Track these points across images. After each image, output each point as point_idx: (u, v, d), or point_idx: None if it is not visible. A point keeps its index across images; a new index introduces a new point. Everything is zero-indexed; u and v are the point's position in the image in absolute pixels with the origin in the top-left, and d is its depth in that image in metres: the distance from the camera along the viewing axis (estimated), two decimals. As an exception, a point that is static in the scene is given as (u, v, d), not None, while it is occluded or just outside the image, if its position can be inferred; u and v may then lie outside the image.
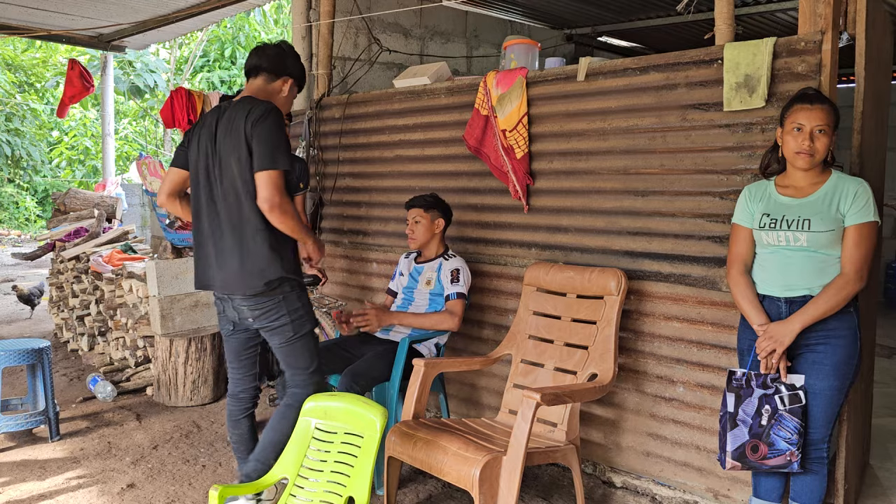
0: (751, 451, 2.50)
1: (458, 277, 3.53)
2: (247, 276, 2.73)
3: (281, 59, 2.91)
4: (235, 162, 2.71)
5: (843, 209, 2.44)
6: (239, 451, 3.07)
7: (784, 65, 2.79)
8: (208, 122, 2.84)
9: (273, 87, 2.90)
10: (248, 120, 2.69)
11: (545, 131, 3.57)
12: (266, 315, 2.80)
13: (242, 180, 2.71)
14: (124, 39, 7.83)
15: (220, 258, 2.78)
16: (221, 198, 2.77)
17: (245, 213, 2.72)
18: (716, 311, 3.02)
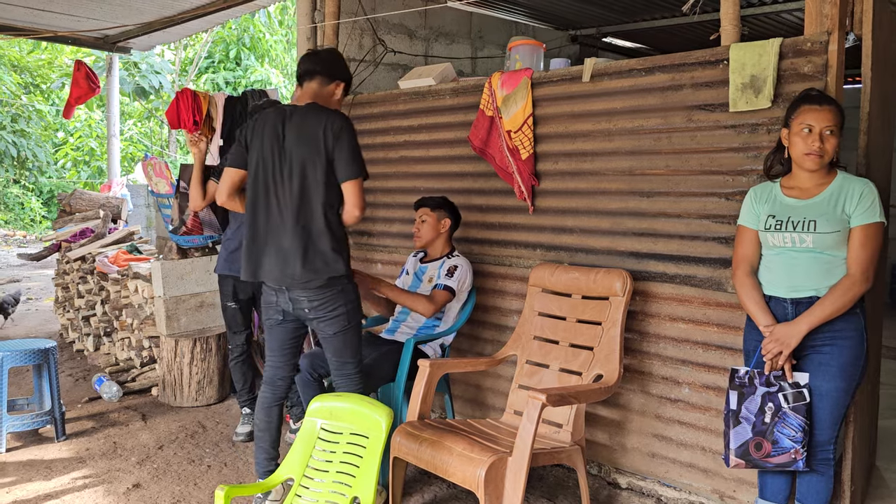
0: (754, 448, 2.50)
1: (453, 274, 3.53)
2: (312, 272, 2.90)
3: (335, 63, 3.09)
4: (311, 167, 2.90)
5: (849, 210, 2.44)
6: (263, 441, 3.12)
7: (790, 65, 2.79)
8: (271, 123, 2.98)
9: (327, 90, 3.06)
10: (327, 129, 2.88)
11: (550, 132, 3.57)
12: (324, 305, 2.95)
13: (315, 185, 2.90)
14: (130, 41, 7.86)
15: (282, 253, 2.92)
16: (289, 197, 2.93)
17: (314, 214, 2.91)
18: (721, 312, 3.02)
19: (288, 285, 2.95)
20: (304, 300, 2.95)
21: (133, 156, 16.50)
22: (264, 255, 2.98)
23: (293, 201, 2.92)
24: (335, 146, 2.88)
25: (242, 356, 4.10)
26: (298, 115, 2.95)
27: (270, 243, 2.96)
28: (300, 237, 2.90)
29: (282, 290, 2.99)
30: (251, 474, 3.55)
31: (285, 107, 3.02)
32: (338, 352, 3.05)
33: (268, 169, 2.96)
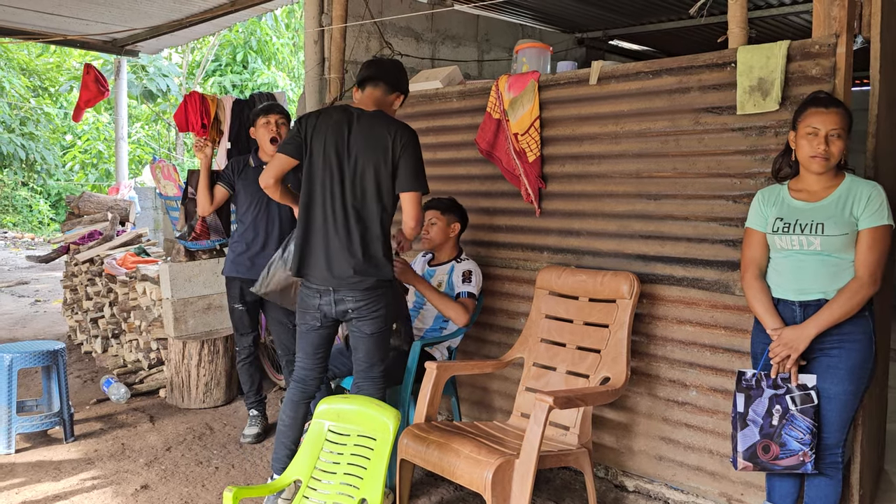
0: (762, 451, 2.49)
1: (470, 278, 3.54)
2: (364, 274, 2.95)
3: (399, 75, 3.13)
4: (375, 173, 2.94)
5: (857, 213, 2.43)
6: (285, 437, 3.13)
7: (798, 68, 2.78)
8: (335, 121, 3.00)
9: (388, 99, 3.10)
10: (396, 139, 2.93)
11: (557, 135, 3.58)
12: (368, 305, 2.99)
13: (378, 191, 2.95)
14: (138, 44, 7.91)
15: (337, 253, 2.96)
16: (350, 199, 2.97)
17: (373, 218, 2.97)
18: (729, 314, 3.02)
19: (335, 286, 2.97)
20: (351, 300, 2.97)
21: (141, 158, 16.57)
22: (316, 254, 3.00)
23: (354, 203, 2.95)
24: (402, 156, 2.92)
25: (249, 358, 4.10)
26: (367, 120, 2.98)
27: (324, 242, 2.98)
28: (357, 239, 2.94)
29: (327, 291, 2.99)
30: (259, 476, 3.56)
31: (352, 108, 3.03)
32: (369, 352, 3.06)
33: (329, 167, 2.97)
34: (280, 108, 4.02)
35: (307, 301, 3.07)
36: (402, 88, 3.13)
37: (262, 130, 3.92)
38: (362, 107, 3.04)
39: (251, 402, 4.11)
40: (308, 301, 3.06)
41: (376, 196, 2.95)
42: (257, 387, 4.14)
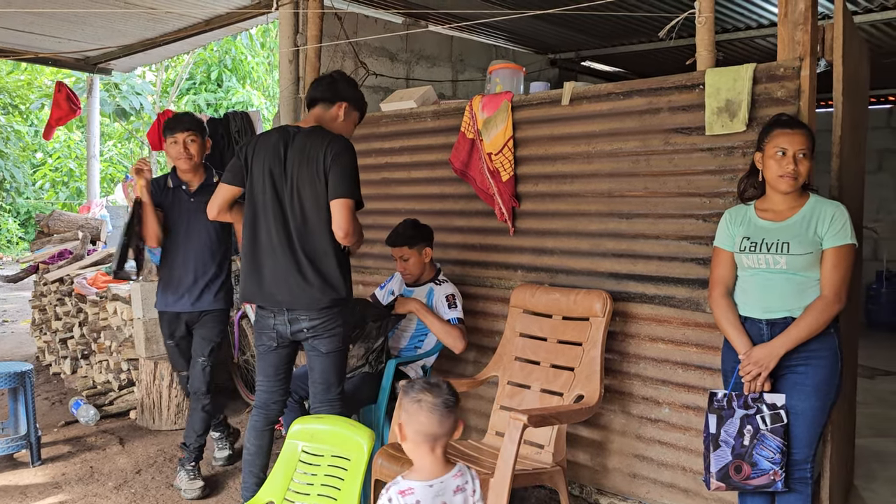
0: (734, 471, 2.52)
1: (455, 303, 3.54)
2: (317, 292, 2.91)
3: (333, 85, 3.09)
4: (312, 190, 2.91)
5: (821, 232, 2.48)
6: (252, 466, 3.08)
7: (764, 90, 2.85)
8: (273, 143, 2.98)
9: (330, 113, 3.07)
10: (327, 151, 2.89)
11: (530, 154, 3.61)
12: (323, 325, 2.95)
13: (318, 207, 2.91)
14: (111, 62, 7.85)
15: (285, 275, 2.92)
16: (291, 219, 2.94)
17: (318, 236, 2.92)
18: (700, 332, 3.05)
19: (289, 306, 2.94)
20: (305, 320, 2.94)
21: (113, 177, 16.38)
22: (265, 277, 2.97)
23: (296, 223, 2.93)
24: (332, 166, 2.88)
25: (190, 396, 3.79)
26: (301, 137, 2.97)
27: (271, 265, 2.95)
28: (304, 260, 2.91)
29: (281, 312, 2.96)
30: (231, 499, 3.51)
31: (289, 128, 3.04)
32: (325, 373, 3.02)
33: (268, 190, 2.95)
34: (186, 125, 3.59)
35: (262, 321, 3.04)
36: (343, 97, 3.08)
37: (171, 150, 3.60)
38: (301, 125, 3.05)
39: (215, 424, 3.98)
40: (263, 321, 3.03)
41: (318, 213, 2.91)
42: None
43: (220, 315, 3.73)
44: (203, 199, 3.38)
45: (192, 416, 3.67)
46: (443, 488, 1.79)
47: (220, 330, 3.72)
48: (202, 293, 3.64)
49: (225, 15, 5.83)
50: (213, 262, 3.66)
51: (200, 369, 3.63)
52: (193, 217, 3.60)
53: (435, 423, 1.80)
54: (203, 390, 3.63)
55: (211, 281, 3.65)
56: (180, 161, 3.60)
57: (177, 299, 3.63)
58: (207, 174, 3.72)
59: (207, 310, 3.66)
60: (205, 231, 3.62)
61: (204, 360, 3.64)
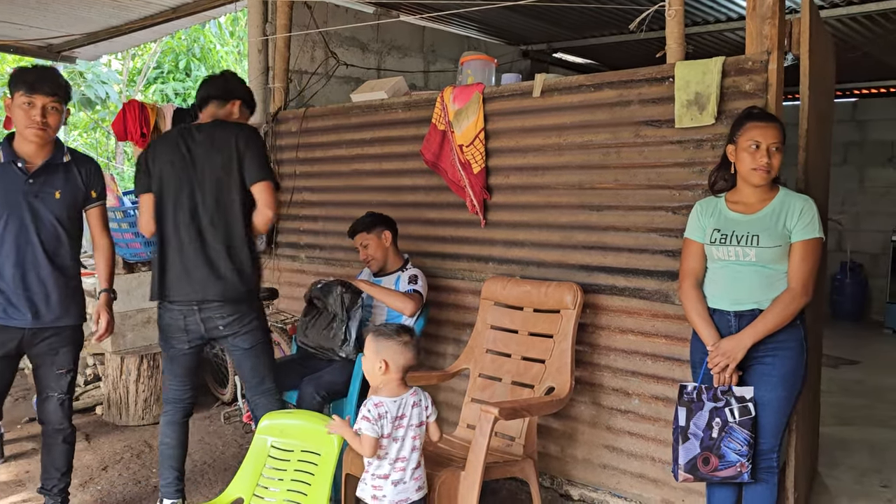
0: (702, 463, 2.54)
1: (417, 281, 3.55)
2: (231, 283, 2.91)
3: (226, 84, 3.14)
4: (225, 179, 2.91)
5: (790, 225, 2.51)
6: (172, 460, 3.08)
7: (733, 83, 2.87)
8: (173, 142, 2.98)
9: (224, 110, 3.09)
10: (239, 140, 2.92)
11: (502, 146, 3.60)
12: (239, 319, 2.95)
13: (231, 200, 2.92)
14: (75, 50, 7.66)
15: (199, 270, 2.90)
16: (203, 213, 2.92)
17: (232, 229, 2.93)
18: (669, 323, 3.08)
19: (201, 301, 2.91)
20: (218, 317, 2.93)
21: (78, 167, 16.08)
22: (178, 274, 2.93)
23: (208, 215, 2.91)
24: (245, 154, 2.90)
25: None
26: (206, 131, 2.97)
27: (181, 261, 2.92)
28: (216, 252, 2.90)
29: (192, 311, 2.93)
30: (200, 494, 3.47)
31: (188, 126, 3.03)
32: (254, 368, 3.04)
33: (176, 187, 2.93)
34: (52, 87, 2.83)
35: (171, 324, 2.99)
36: (234, 95, 3.12)
37: (19, 114, 2.82)
38: (200, 122, 3.06)
39: None
40: (174, 323, 2.98)
41: (231, 206, 2.92)
42: None
43: (73, 334, 3.02)
44: (46, 181, 2.86)
45: (52, 451, 3.04)
46: (403, 403, 2.41)
47: (74, 355, 3.04)
48: (44, 304, 2.89)
49: (193, 2, 5.72)
50: (58, 265, 2.92)
51: (58, 404, 2.99)
52: (30, 205, 2.84)
53: (411, 357, 2.44)
54: (66, 425, 3.03)
55: (56, 289, 2.91)
56: (30, 131, 2.81)
57: (6, 307, 2.85)
58: (56, 151, 2.93)
59: (52, 326, 2.92)
60: (48, 224, 2.88)
61: (62, 395, 2.99)
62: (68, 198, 2.92)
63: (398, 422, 2.40)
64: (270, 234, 4.84)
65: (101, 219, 3.09)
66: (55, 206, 2.88)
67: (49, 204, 2.86)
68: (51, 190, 2.87)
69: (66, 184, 2.92)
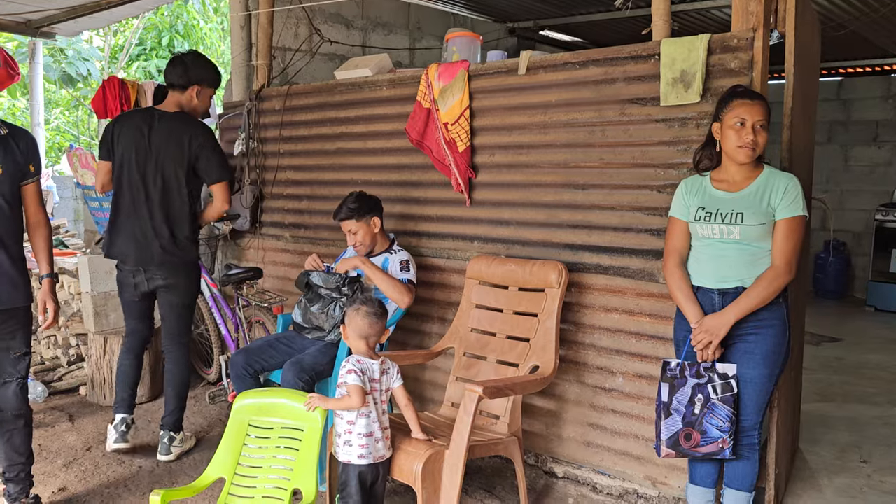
0: (684, 438, 2.56)
1: (408, 267, 3.52)
2: (172, 255, 3.50)
3: (184, 72, 3.54)
4: (174, 168, 3.48)
5: (774, 203, 2.51)
6: (127, 378, 3.68)
7: (718, 61, 2.85)
8: (137, 124, 3.49)
9: (184, 97, 3.57)
10: (193, 140, 3.47)
11: (487, 125, 3.58)
12: (176, 282, 3.57)
13: (178, 182, 3.50)
14: (54, 26, 7.52)
15: (146, 239, 3.47)
16: (153, 190, 3.48)
17: (175, 206, 3.52)
18: (654, 302, 3.08)
19: (146, 266, 3.49)
20: (160, 277, 3.53)
21: (60, 146, 15.87)
22: (125, 240, 3.48)
23: (157, 194, 3.46)
24: (200, 155, 3.48)
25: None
26: (166, 120, 3.49)
27: (132, 229, 3.47)
28: (162, 225, 3.46)
29: (139, 272, 3.52)
30: (184, 473, 3.47)
31: (154, 110, 3.55)
32: (179, 320, 3.65)
33: (134, 164, 3.45)
34: None
35: (124, 280, 3.58)
36: (193, 82, 3.53)
37: None
38: (165, 108, 3.55)
39: None
40: (125, 280, 3.58)
41: (177, 188, 3.48)
42: None
43: (25, 315, 2.94)
44: None
45: (13, 438, 2.95)
46: (372, 368, 2.64)
47: (28, 336, 2.95)
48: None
49: (173, -22, 5.62)
50: (6, 245, 2.82)
51: (18, 388, 2.91)
52: None
53: (367, 327, 2.64)
54: (25, 409, 2.96)
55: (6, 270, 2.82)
56: None
57: None
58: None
59: (5, 310, 2.84)
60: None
61: (21, 379, 2.91)
62: (9, 173, 2.79)
63: (373, 384, 2.62)
64: (255, 213, 4.80)
65: (37, 195, 2.96)
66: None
67: None
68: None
69: (5, 158, 2.78)
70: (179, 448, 3.65)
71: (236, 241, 5.05)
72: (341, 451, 2.59)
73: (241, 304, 4.41)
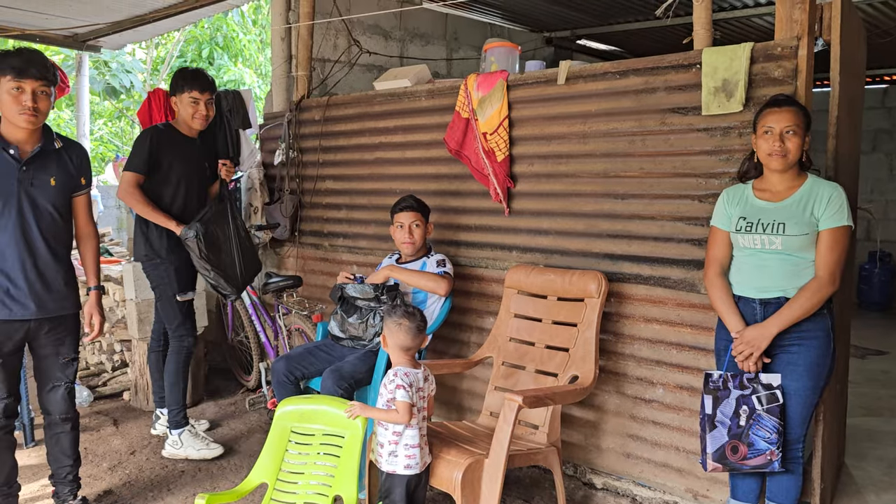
0: (731, 451, 2.53)
1: (444, 263, 3.55)
2: None
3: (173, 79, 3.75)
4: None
5: (818, 213, 2.47)
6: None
7: (761, 69, 2.82)
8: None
9: None
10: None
11: (526, 134, 3.59)
12: None
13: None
14: (100, 39, 7.73)
15: None
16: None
17: None
18: (695, 313, 3.05)
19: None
20: None
21: (104, 156, 16.24)
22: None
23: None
24: None
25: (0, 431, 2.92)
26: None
27: None
28: None
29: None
30: (226, 479, 3.52)
31: None
32: None
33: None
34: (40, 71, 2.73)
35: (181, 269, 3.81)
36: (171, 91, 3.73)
37: (7, 98, 2.71)
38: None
39: None
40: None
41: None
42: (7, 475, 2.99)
43: (74, 322, 3.03)
44: (39, 168, 2.81)
45: (60, 440, 3.05)
46: (417, 378, 2.67)
47: (76, 342, 3.06)
48: (47, 295, 2.87)
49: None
50: (57, 254, 2.90)
51: (66, 393, 3.02)
52: (27, 193, 2.79)
53: (410, 340, 2.68)
54: (73, 413, 3.07)
55: (56, 278, 2.90)
56: (23, 117, 2.72)
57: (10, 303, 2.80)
58: (46, 137, 2.87)
59: (55, 316, 2.92)
60: (45, 212, 2.84)
61: (69, 384, 3.03)
62: (62, 185, 2.88)
63: (419, 392, 2.65)
64: (294, 222, 4.87)
65: (87, 206, 3.06)
66: (51, 193, 2.84)
67: (45, 191, 2.82)
68: (45, 177, 2.82)
69: (59, 170, 2.87)
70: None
71: (276, 249, 5.12)
72: (385, 462, 2.61)
73: (281, 312, 4.47)
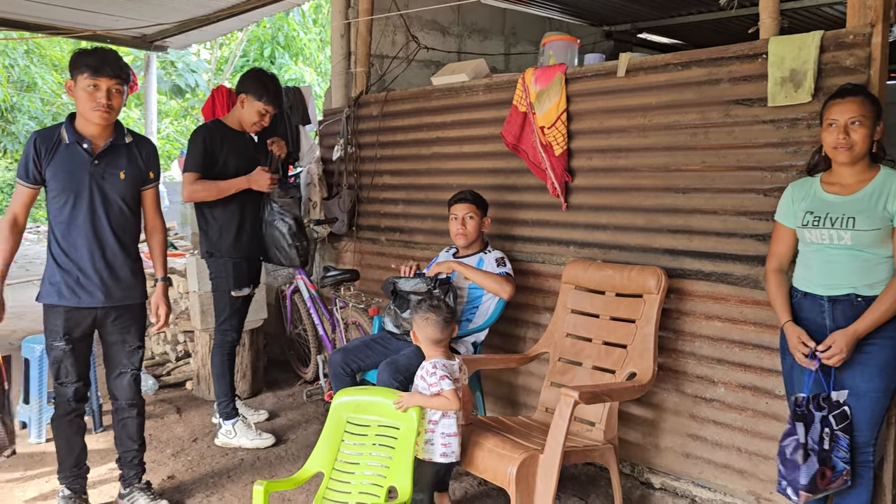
0: (820, 478, 2.39)
1: (505, 263, 3.54)
2: None
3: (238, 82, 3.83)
4: None
5: (891, 208, 2.37)
6: None
7: (832, 58, 2.72)
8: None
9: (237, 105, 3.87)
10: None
11: (584, 128, 3.54)
12: None
13: None
14: (166, 39, 7.96)
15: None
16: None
17: None
18: (758, 310, 2.97)
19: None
20: None
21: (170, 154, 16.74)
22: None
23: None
24: None
25: (70, 416, 3.08)
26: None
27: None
28: None
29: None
30: (283, 467, 3.58)
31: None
32: None
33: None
34: (116, 70, 2.81)
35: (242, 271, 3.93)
36: (240, 90, 3.77)
37: (83, 95, 2.79)
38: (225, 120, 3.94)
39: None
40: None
41: None
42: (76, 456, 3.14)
43: (140, 311, 3.13)
44: (110, 162, 2.91)
45: (127, 425, 3.15)
46: (454, 369, 2.73)
47: (143, 331, 3.15)
48: (115, 283, 2.97)
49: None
50: (125, 245, 3.00)
51: (132, 379, 3.12)
52: (98, 186, 2.89)
53: (438, 332, 2.73)
54: (139, 399, 3.17)
55: (124, 268, 3.00)
56: (97, 114, 2.80)
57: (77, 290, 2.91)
58: (118, 132, 2.96)
59: (122, 305, 3.02)
60: (115, 205, 2.94)
61: (135, 371, 3.13)
62: (131, 178, 2.98)
63: (456, 383, 2.69)
64: (352, 216, 4.92)
65: (155, 200, 3.17)
66: (120, 186, 2.94)
67: (115, 185, 2.92)
68: (115, 171, 2.92)
69: (129, 164, 2.98)
70: None
71: (333, 244, 5.19)
72: (422, 450, 2.67)
73: (339, 306, 4.52)
